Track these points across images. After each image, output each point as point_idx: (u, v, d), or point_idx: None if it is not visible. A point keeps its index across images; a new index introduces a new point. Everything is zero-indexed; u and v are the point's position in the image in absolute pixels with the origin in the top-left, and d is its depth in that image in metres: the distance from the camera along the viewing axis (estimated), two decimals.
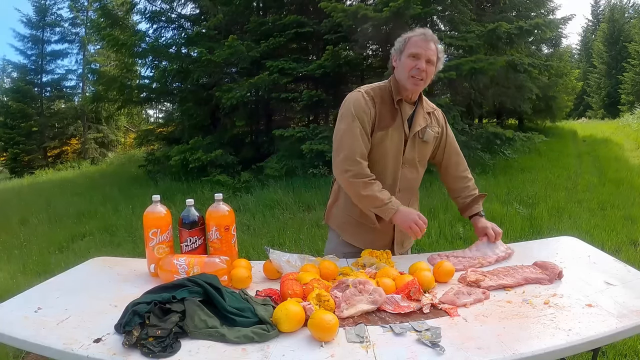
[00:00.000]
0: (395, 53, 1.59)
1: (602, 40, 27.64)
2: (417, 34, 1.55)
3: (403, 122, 1.57)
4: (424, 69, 1.50)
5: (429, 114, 1.65)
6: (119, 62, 11.05)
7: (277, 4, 8.52)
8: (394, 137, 1.57)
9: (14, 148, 14.61)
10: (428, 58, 1.52)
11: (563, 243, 1.71)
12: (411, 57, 1.52)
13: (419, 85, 1.54)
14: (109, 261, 1.60)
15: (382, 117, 1.56)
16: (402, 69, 1.54)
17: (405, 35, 1.58)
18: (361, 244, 1.66)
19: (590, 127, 15.64)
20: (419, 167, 1.68)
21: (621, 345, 2.11)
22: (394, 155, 1.59)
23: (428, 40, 1.53)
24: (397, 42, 1.59)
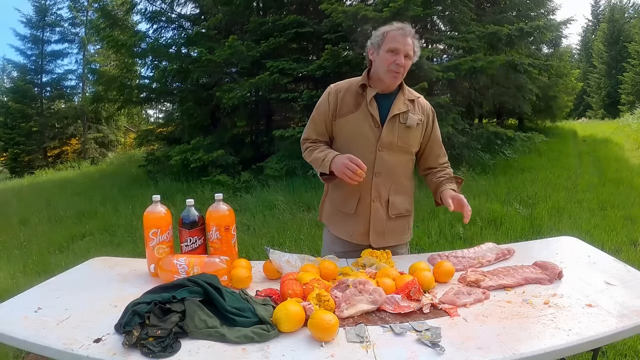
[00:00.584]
0: (373, 47, 1.61)
1: (602, 40, 27.64)
2: (396, 28, 1.56)
3: (368, 106, 1.59)
4: (402, 64, 1.53)
5: (411, 101, 1.65)
6: (119, 62, 11.06)
7: (277, 4, 8.52)
8: (359, 121, 1.60)
9: (14, 148, 14.62)
10: (406, 53, 1.54)
11: (563, 243, 1.71)
12: (390, 52, 1.54)
13: (397, 79, 1.57)
14: (109, 261, 1.60)
15: (344, 104, 1.62)
16: (381, 63, 1.56)
17: (382, 29, 1.59)
18: (344, 235, 1.69)
19: (590, 127, 15.64)
20: (403, 154, 1.65)
21: (621, 345, 2.11)
22: (364, 138, 1.60)
23: (406, 35, 1.55)
24: (374, 35, 1.61)
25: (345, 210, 1.66)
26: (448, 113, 6.72)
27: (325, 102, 1.65)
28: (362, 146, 1.59)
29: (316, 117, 1.68)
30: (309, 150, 1.67)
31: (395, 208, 1.65)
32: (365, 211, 1.63)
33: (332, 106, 1.63)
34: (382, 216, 1.64)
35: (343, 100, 1.62)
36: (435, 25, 8.72)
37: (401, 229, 1.71)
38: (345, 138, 1.63)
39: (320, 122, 1.67)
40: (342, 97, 1.63)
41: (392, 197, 1.64)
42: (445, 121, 6.55)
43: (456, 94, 7.95)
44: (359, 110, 1.60)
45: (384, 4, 6.38)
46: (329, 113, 1.64)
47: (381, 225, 1.65)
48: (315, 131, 1.69)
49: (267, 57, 7.33)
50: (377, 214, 1.63)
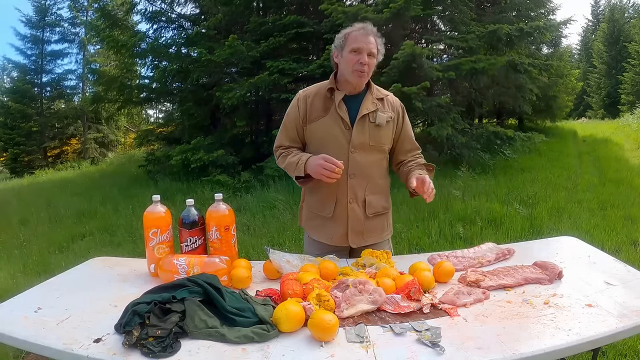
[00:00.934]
0: (336, 49, 1.63)
1: (602, 40, 27.64)
2: (357, 28, 1.59)
3: (337, 108, 1.60)
4: (366, 63, 1.55)
5: (380, 99, 1.66)
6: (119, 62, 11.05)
7: (277, 4, 8.51)
8: (329, 125, 1.61)
9: (14, 148, 14.62)
10: (369, 51, 1.56)
11: (563, 243, 1.71)
12: (353, 52, 1.56)
13: (363, 78, 1.58)
14: (109, 261, 1.60)
15: (313, 110, 1.63)
16: (345, 64, 1.58)
17: (344, 31, 1.62)
18: (324, 238, 1.69)
19: (590, 127, 15.64)
20: (375, 152, 1.65)
21: (621, 345, 2.11)
22: (336, 140, 1.60)
23: (368, 34, 1.57)
24: (337, 38, 1.64)
25: (323, 214, 1.67)
26: (448, 113, 6.72)
27: (295, 108, 1.66)
28: (334, 149, 1.60)
29: (287, 123, 1.69)
30: (282, 156, 1.69)
31: (372, 207, 1.67)
32: (343, 213, 1.64)
33: (301, 112, 1.64)
34: (360, 216, 1.65)
35: (312, 105, 1.64)
36: (435, 25, 8.72)
37: (380, 227, 1.73)
38: (317, 142, 1.64)
39: (291, 128, 1.68)
40: (311, 102, 1.64)
41: (369, 196, 1.65)
42: (445, 121, 6.55)
43: (456, 94, 7.95)
44: (328, 114, 1.62)
45: (384, 4, 6.39)
46: (299, 119, 1.65)
47: (359, 225, 1.66)
48: (288, 137, 1.70)
49: (267, 57, 7.33)
50: (354, 215, 1.64)
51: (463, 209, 4.66)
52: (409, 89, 5.92)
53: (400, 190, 5.61)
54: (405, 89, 5.92)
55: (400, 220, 4.49)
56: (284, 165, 1.67)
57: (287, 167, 1.65)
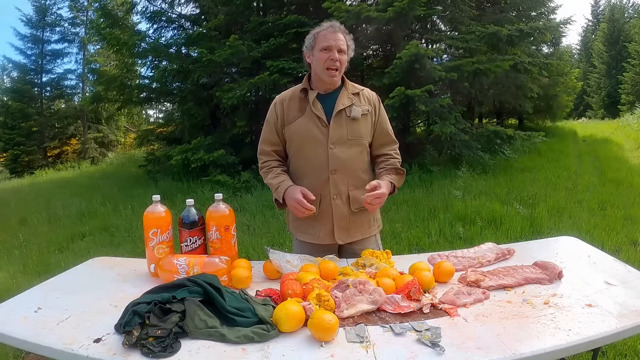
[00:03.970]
0: (307, 50, 1.67)
1: (602, 40, 27.63)
2: (325, 27, 1.62)
3: (312, 107, 1.62)
4: (337, 59, 1.57)
5: (356, 94, 1.68)
6: (119, 62, 11.05)
7: (277, 4, 8.51)
8: (306, 124, 1.63)
9: (14, 148, 14.62)
10: (339, 48, 1.58)
11: (563, 243, 1.71)
12: (323, 50, 1.58)
13: (335, 76, 1.61)
14: (109, 261, 1.60)
15: (289, 112, 1.67)
16: (317, 63, 1.61)
17: (313, 31, 1.65)
18: (309, 238, 1.70)
19: (590, 127, 15.63)
20: (354, 146, 1.65)
21: (621, 345, 2.11)
22: (314, 138, 1.62)
23: (336, 31, 1.60)
24: (306, 39, 1.67)
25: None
26: (450, 113, 6.72)
27: (273, 112, 1.70)
28: (313, 147, 1.62)
29: (266, 128, 1.73)
30: (264, 171, 1.73)
31: (357, 202, 1.66)
32: (327, 210, 1.65)
33: (279, 115, 1.68)
34: (345, 212, 1.65)
35: (288, 108, 1.67)
36: (436, 25, 8.72)
37: (366, 222, 1.72)
38: (296, 143, 1.67)
39: (271, 132, 1.71)
40: (287, 105, 1.68)
41: (352, 191, 1.65)
42: (447, 120, 6.55)
43: (457, 94, 7.94)
44: (304, 113, 1.64)
45: (388, 3, 6.38)
46: (278, 123, 1.68)
47: (344, 221, 1.66)
48: (269, 142, 1.73)
49: (268, 57, 7.33)
50: (339, 211, 1.65)
51: (463, 209, 4.66)
52: (412, 92, 5.92)
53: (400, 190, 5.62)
54: (409, 91, 5.92)
55: (400, 220, 4.49)
56: (265, 181, 1.73)
57: (268, 185, 1.71)
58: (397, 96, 5.94)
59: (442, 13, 7.86)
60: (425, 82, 6.29)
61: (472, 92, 8.38)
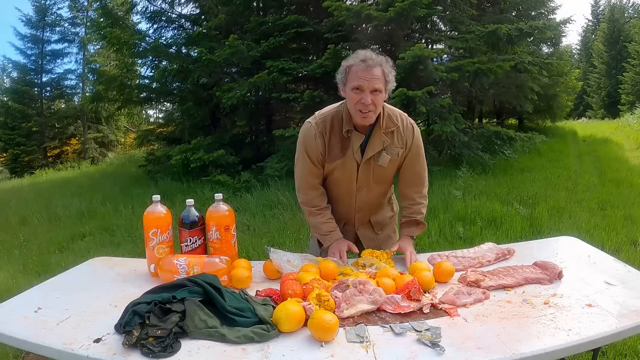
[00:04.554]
0: (340, 84, 1.52)
1: (602, 40, 27.62)
2: (358, 62, 1.44)
3: (354, 152, 1.55)
4: (370, 102, 1.42)
5: (391, 132, 1.56)
6: (119, 62, 11.04)
7: (277, 4, 8.51)
8: (345, 167, 1.58)
9: (14, 148, 14.62)
10: (373, 88, 1.42)
11: (563, 243, 1.71)
12: (354, 90, 1.43)
13: (368, 117, 1.46)
14: (109, 261, 1.60)
15: (332, 149, 1.56)
16: (349, 102, 1.48)
17: (346, 63, 1.49)
18: None
19: (590, 127, 15.62)
20: (378, 185, 1.65)
21: (621, 345, 2.11)
22: (347, 182, 1.63)
23: (370, 67, 1.42)
24: (339, 71, 1.51)
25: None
26: (450, 113, 6.72)
27: (314, 143, 1.55)
28: (345, 186, 1.64)
29: (307, 163, 1.59)
30: (310, 212, 1.65)
31: (379, 224, 1.75)
32: (352, 234, 1.72)
33: (321, 148, 1.56)
34: (370, 235, 1.74)
35: (330, 145, 1.56)
36: (436, 25, 8.71)
37: (392, 232, 1.81)
38: (332, 182, 1.66)
39: (315, 166, 1.59)
40: (328, 140, 1.55)
41: (374, 218, 1.73)
42: (448, 120, 6.55)
43: (457, 94, 7.94)
44: (345, 155, 1.56)
45: (388, 3, 6.38)
46: (320, 155, 1.57)
47: (371, 242, 1.74)
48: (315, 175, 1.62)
49: (267, 57, 7.33)
50: (365, 236, 1.73)
51: (463, 209, 4.66)
52: (413, 93, 5.92)
53: None
54: (410, 92, 5.91)
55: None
56: (310, 222, 1.68)
57: (313, 226, 1.68)
58: (398, 97, 5.93)
59: (442, 13, 7.86)
60: (426, 82, 6.28)
61: (472, 92, 8.38)
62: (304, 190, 1.65)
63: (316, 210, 1.64)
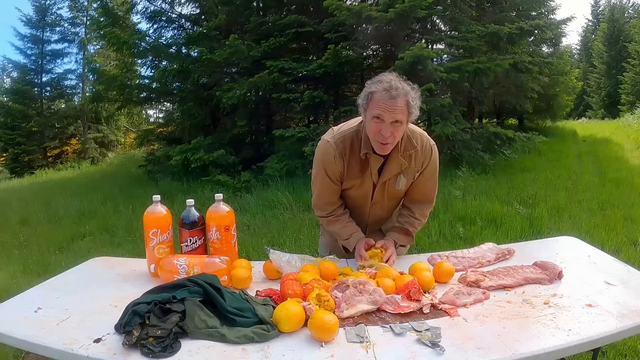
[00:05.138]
0: (361, 107, 1.46)
1: (602, 40, 27.61)
2: (381, 90, 1.37)
3: (371, 174, 1.55)
4: (389, 135, 1.38)
5: (409, 155, 1.53)
6: (119, 62, 11.05)
7: (277, 4, 8.51)
8: (362, 187, 1.60)
9: (14, 148, 14.61)
10: (394, 119, 1.37)
11: (563, 243, 1.71)
12: (375, 118, 1.38)
13: (386, 149, 1.44)
14: (109, 261, 1.60)
15: (350, 169, 1.55)
16: (369, 129, 1.44)
17: (369, 87, 1.42)
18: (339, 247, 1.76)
19: (590, 127, 15.62)
20: (391, 201, 1.68)
21: (621, 345, 2.11)
22: (362, 199, 1.65)
23: (393, 97, 1.35)
24: (362, 94, 1.46)
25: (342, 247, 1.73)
26: (450, 112, 6.72)
27: (333, 164, 1.52)
28: (359, 204, 1.67)
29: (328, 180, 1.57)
30: (328, 220, 1.66)
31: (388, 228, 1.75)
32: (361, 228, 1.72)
33: (340, 168, 1.54)
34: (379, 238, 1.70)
35: (350, 166, 1.54)
36: (436, 25, 8.71)
37: None
38: (345, 196, 1.67)
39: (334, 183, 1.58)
40: (348, 161, 1.53)
41: (385, 226, 1.77)
42: (449, 120, 6.56)
43: (457, 94, 7.94)
44: (363, 176, 1.56)
45: (388, 4, 6.38)
46: (339, 175, 1.56)
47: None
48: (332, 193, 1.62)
49: (268, 57, 7.33)
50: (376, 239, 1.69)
51: (463, 209, 4.66)
52: None
53: None
54: None
55: None
56: (330, 229, 1.69)
57: (334, 233, 1.69)
58: None
59: (442, 13, 7.86)
60: (426, 82, 6.28)
61: (472, 91, 8.38)
62: (321, 206, 1.66)
63: (334, 217, 1.65)
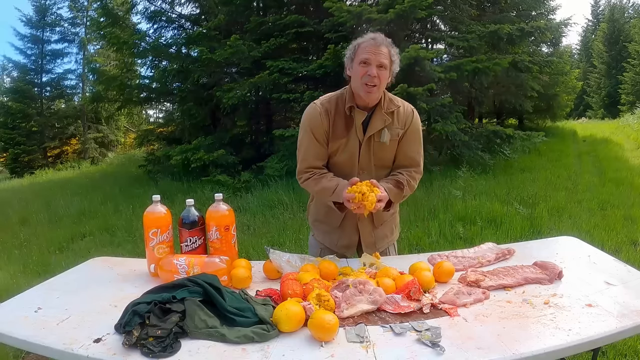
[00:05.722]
0: (347, 61, 1.56)
1: (602, 40, 27.62)
2: (367, 39, 1.52)
3: (356, 130, 1.55)
4: (375, 75, 1.46)
5: (392, 113, 1.58)
6: (119, 62, 11.05)
7: (277, 4, 8.51)
8: (348, 148, 1.57)
9: (14, 148, 14.62)
10: (379, 63, 1.47)
11: (563, 243, 1.71)
12: (362, 64, 1.48)
13: (373, 92, 1.49)
14: (109, 261, 1.60)
15: (336, 128, 1.56)
16: (355, 77, 1.51)
17: (355, 42, 1.55)
18: (327, 242, 1.72)
19: (590, 127, 15.63)
20: (379, 170, 1.61)
21: (621, 345, 2.11)
22: (349, 165, 1.59)
23: (378, 44, 1.49)
24: (348, 49, 1.57)
25: (330, 224, 1.69)
26: (450, 112, 6.72)
27: (318, 122, 1.56)
28: (347, 168, 1.59)
29: (313, 142, 1.57)
30: (314, 178, 1.56)
31: (380, 217, 1.69)
32: (352, 226, 1.67)
33: (325, 127, 1.56)
34: (369, 229, 1.69)
35: (335, 123, 1.56)
36: (436, 25, 8.72)
37: (389, 231, 1.77)
38: (331, 165, 1.62)
39: (321, 145, 1.56)
40: (333, 118, 1.56)
41: None
42: (449, 119, 6.56)
43: (457, 94, 7.94)
44: (349, 134, 1.56)
45: (388, 4, 6.38)
46: (325, 134, 1.57)
47: (369, 236, 1.70)
48: (320, 157, 1.58)
49: (268, 57, 7.33)
50: (364, 229, 1.68)
51: (463, 208, 4.66)
52: (415, 89, 5.93)
53: None
54: (412, 89, 5.92)
55: (401, 220, 4.46)
56: (317, 188, 1.56)
57: (321, 192, 1.56)
58: (400, 93, 5.94)
59: (442, 13, 7.86)
60: (425, 82, 6.29)
61: (472, 91, 8.38)
62: (305, 170, 1.60)
63: (319, 175, 1.56)
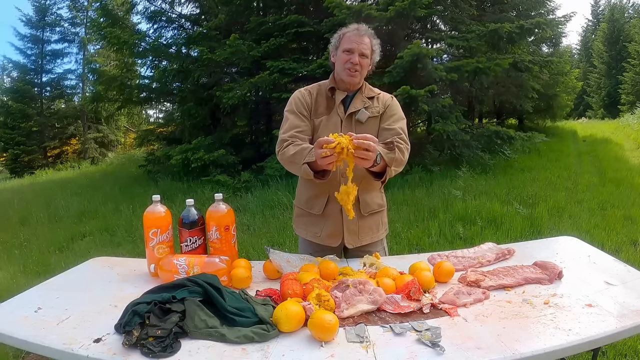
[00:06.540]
0: (332, 49, 1.69)
1: (602, 40, 27.63)
2: (351, 29, 1.64)
3: (337, 107, 1.64)
4: (357, 62, 1.58)
5: (371, 98, 1.68)
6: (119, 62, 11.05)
7: (277, 4, 8.51)
8: (329, 125, 1.63)
9: (14, 148, 14.62)
10: (361, 52, 1.60)
11: (563, 243, 1.71)
12: (345, 52, 1.60)
13: (354, 77, 1.61)
14: (109, 261, 1.60)
15: (318, 105, 1.66)
16: (339, 63, 1.63)
17: (340, 31, 1.67)
18: (310, 236, 1.70)
19: (590, 127, 15.63)
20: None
21: (621, 345, 2.11)
22: None
23: (361, 35, 1.62)
24: (333, 38, 1.70)
25: (312, 211, 1.67)
26: (451, 112, 6.73)
27: (301, 99, 1.66)
28: None
29: (293, 117, 1.61)
30: (293, 145, 1.53)
31: (367, 205, 1.66)
32: (335, 212, 1.63)
33: (308, 103, 1.66)
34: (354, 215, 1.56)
35: (317, 102, 1.67)
36: (436, 25, 8.72)
37: (375, 226, 1.72)
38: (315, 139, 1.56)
39: (301, 120, 1.61)
40: (315, 99, 1.67)
41: (362, 195, 1.63)
42: (449, 119, 6.56)
43: (457, 94, 7.94)
44: (330, 113, 1.65)
45: (388, 3, 6.38)
46: (307, 108, 1.65)
47: (354, 224, 1.65)
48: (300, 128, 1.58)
49: (268, 57, 7.33)
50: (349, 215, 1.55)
51: (463, 209, 4.66)
52: (416, 91, 5.93)
53: (400, 190, 5.62)
54: (413, 91, 5.92)
55: (400, 220, 4.49)
56: (292, 153, 1.50)
57: (296, 155, 1.49)
58: (401, 95, 5.94)
59: (442, 13, 7.86)
60: (426, 82, 6.29)
61: (472, 91, 8.39)
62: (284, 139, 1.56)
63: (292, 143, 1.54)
